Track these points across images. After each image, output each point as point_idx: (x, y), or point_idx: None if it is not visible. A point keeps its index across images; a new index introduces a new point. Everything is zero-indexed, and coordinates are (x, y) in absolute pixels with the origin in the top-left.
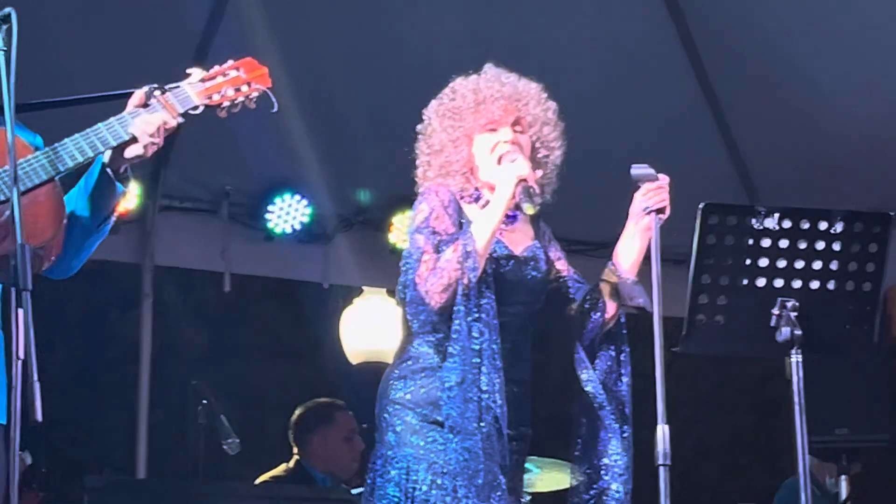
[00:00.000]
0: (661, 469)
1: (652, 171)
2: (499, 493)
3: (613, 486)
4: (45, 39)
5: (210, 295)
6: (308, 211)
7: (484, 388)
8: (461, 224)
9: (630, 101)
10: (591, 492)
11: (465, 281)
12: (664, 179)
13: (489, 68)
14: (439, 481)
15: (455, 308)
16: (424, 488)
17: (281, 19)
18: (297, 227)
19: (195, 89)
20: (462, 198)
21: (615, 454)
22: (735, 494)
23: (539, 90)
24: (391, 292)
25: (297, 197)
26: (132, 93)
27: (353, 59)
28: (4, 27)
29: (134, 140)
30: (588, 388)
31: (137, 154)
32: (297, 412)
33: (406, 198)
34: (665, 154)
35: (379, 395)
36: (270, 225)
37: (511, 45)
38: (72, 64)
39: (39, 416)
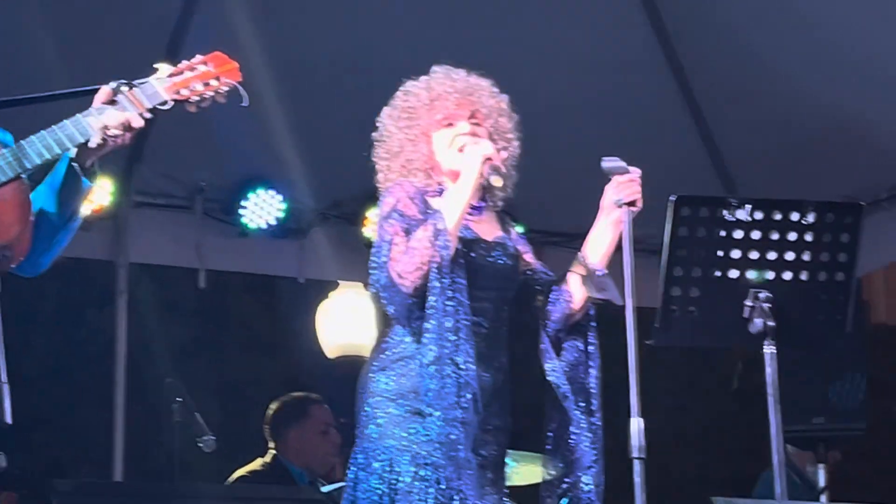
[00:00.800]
0: (636, 462)
1: (623, 163)
2: (470, 472)
3: (584, 479)
4: (15, 32)
5: (185, 291)
6: (283, 206)
7: (461, 365)
8: (426, 217)
9: (603, 92)
10: (563, 486)
11: (438, 259)
12: (636, 172)
13: (437, 68)
14: (422, 473)
15: (430, 285)
16: (408, 479)
17: (258, 11)
18: (272, 222)
19: (163, 84)
20: (426, 193)
21: (584, 447)
22: (715, 483)
23: (490, 84)
24: (367, 286)
25: (272, 192)
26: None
27: (330, 53)
28: None
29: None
30: (550, 379)
31: (102, 149)
32: (272, 407)
33: (378, 193)
34: (639, 144)
35: (359, 389)
36: (245, 220)
37: (486, 40)
38: (42, 58)
39: (9, 419)
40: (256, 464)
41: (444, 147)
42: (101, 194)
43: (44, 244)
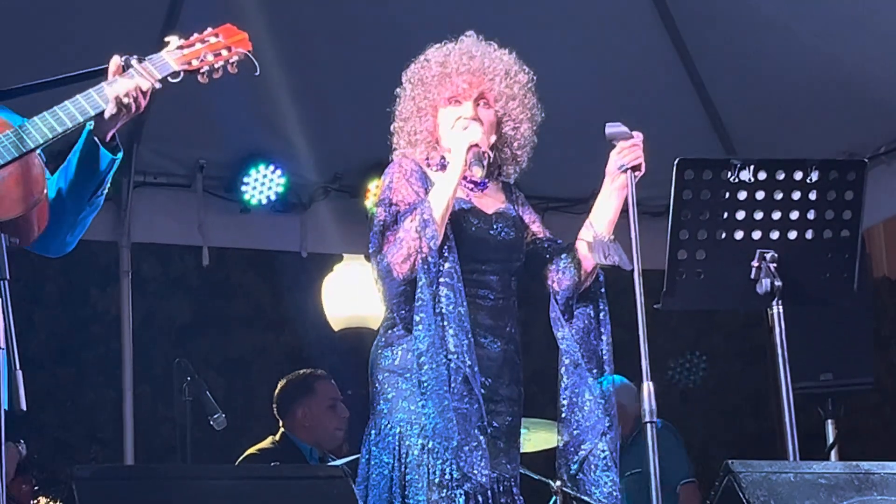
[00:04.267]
0: (648, 426)
1: (626, 129)
2: (480, 453)
3: (599, 446)
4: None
5: (189, 269)
6: (283, 181)
7: (452, 349)
8: (427, 192)
9: (603, 59)
10: (580, 453)
11: (425, 249)
12: (638, 137)
13: (466, 38)
14: (430, 445)
15: (417, 276)
16: (416, 452)
17: None
18: (273, 197)
19: (173, 56)
20: (429, 166)
21: (599, 413)
22: (722, 442)
23: (510, 63)
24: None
25: (272, 167)
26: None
27: (332, 25)
28: None
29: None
30: (563, 346)
31: (118, 119)
32: (279, 385)
33: (382, 164)
34: (640, 109)
35: (370, 365)
36: (246, 196)
37: (486, 8)
38: (40, 36)
39: (24, 405)
40: (266, 442)
41: (447, 125)
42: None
43: (69, 223)
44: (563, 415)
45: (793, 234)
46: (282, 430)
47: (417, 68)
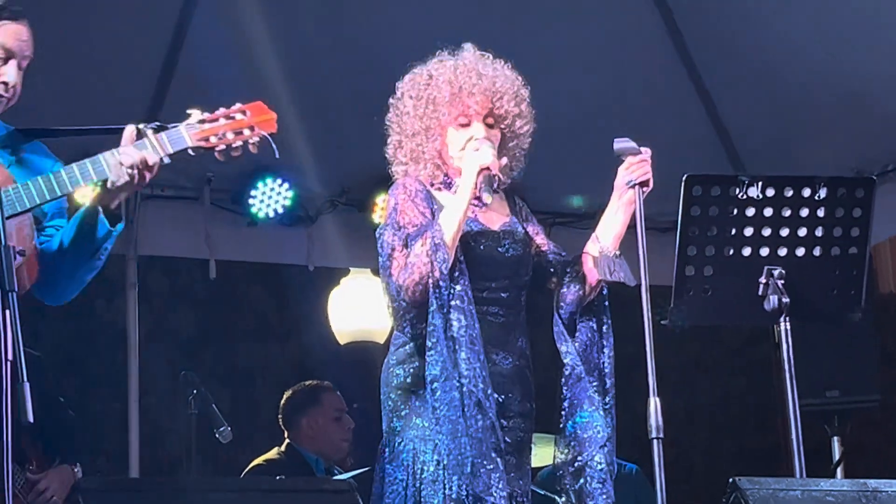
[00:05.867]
0: (655, 442)
1: (634, 144)
2: (498, 475)
3: (596, 458)
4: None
5: (195, 282)
6: (290, 194)
7: (464, 373)
8: (433, 212)
9: (611, 74)
10: (576, 464)
11: (437, 274)
12: (646, 153)
13: (468, 52)
14: (445, 461)
15: (430, 302)
16: (431, 469)
17: (266, 2)
18: (280, 210)
19: (192, 131)
20: (433, 185)
21: (597, 426)
22: (726, 458)
23: (514, 80)
24: (377, 272)
25: (279, 181)
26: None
27: (339, 40)
28: None
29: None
30: (567, 360)
31: (124, 190)
32: (285, 396)
33: (389, 178)
34: (647, 124)
35: (382, 383)
36: (253, 210)
37: (496, 24)
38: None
39: (31, 418)
40: (272, 453)
41: (456, 146)
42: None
43: (67, 275)
44: (563, 427)
45: (800, 251)
46: (287, 441)
47: (422, 85)
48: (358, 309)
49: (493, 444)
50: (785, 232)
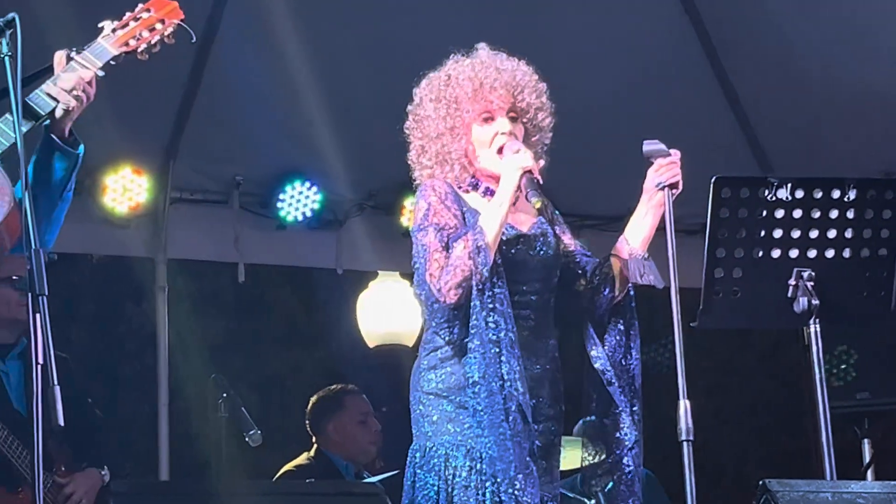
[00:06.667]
0: (685, 444)
1: (663, 146)
2: (532, 480)
3: (625, 461)
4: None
5: (224, 286)
6: (318, 197)
7: (506, 377)
8: (463, 214)
9: (639, 76)
10: (604, 466)
11: (479, 276)
12: (676, 155)
13: (482, 51)
14: (478, 466)
15: (472, 303)
16: (464, 474)
17: (297, 5)
18: (309, 214)
19: (110, 41)
20: (459, 187)
21: (625, 429)
22: (757, 460)
23: (532, 74)
24: (405, 275)
25: (308, 184)
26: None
27: (365, 44)
28: (9, 32)
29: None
30: (597, 365)
31: (71, 113)
32: (311, 402)
33: (411, 170)
34: (676, 126)
35: (411, 387)
36: (282, 213)
37: (523, 26)
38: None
39: (61, 421)
40: (302, 458)
41: (482, 143)
42: (138, 192)
43: (44, 222)
44: (591, 430)
45: (830, 253)
46: (316, 446)
47: (442, 86)
48: (387, 312)
49: (528, 449)
50: (814, 234)
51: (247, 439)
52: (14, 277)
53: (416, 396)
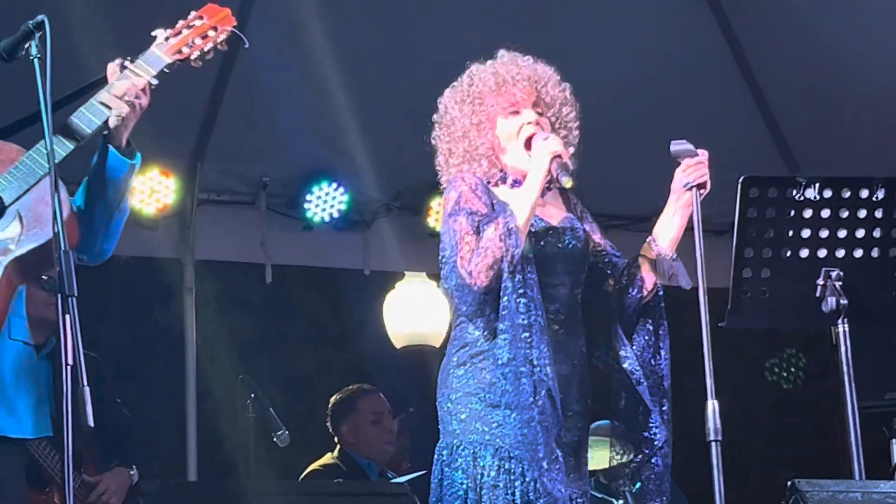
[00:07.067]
0: (713, 445)
1: (691, 146)
2: (558, 466)
3: (654, 461)
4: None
5: (252, 287)
6: (345, 198)
7: (535, 362)
8: (493, 205)
9: (666, 77)
10: (632, 465)
11: (510, 258)
12: (703, 155)
13: (504, 53)
14: (507, 465)
15: (503, 285)
16: (493, 473)
17: (320, 2)
18: (336, 215)
19: (163, 49)
20: (489, 182)
21: (654, 429)
22: (785, 460)
23: (554, 72)
24: (432, 275)
25: (334, 185)
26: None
27: (392, 44)
28: (38, 34)
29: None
30: (625, 365)
31: (128, 121)
32: (329, 404)
33: (438, 175)
34: (703, 126)
35: (439, 385)
36: (309, 214)
37: (549, 27)
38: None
39: (91, 422)
40: (327, 458)
41: (509, 135)
42: (166, 193)
43: (102, 231)
44: (619, 430)
45: (858, 253)
46: (339, 446)
47: (463, 87)
48: (413, 313)
49: (555, 435)
50: (843, 233)
51: (275, 440)
52: (43, 278)
53: (443, 394)
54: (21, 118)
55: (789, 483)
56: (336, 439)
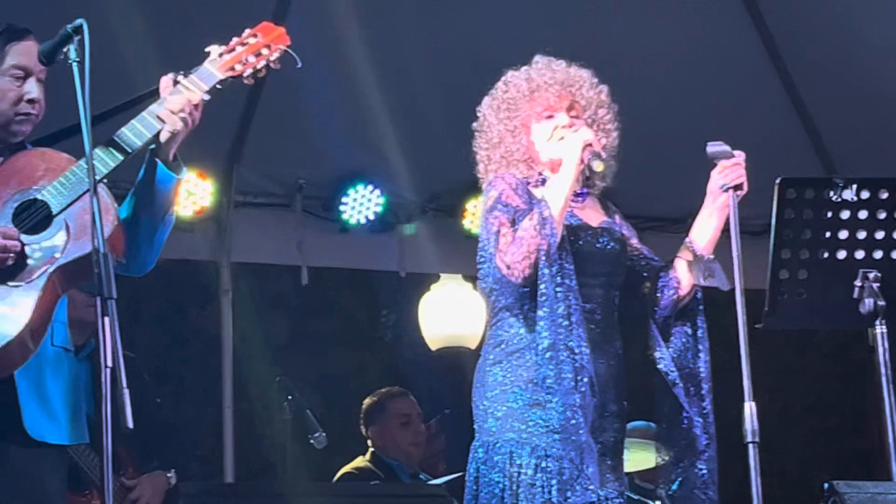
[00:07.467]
0: (751, 447)
1: (727, 148)
2: (593, 457)
3: (698, 465)
4: (112, 34)
5: (288, 288)
6: (381, 200)
7: (575, 350)
8: (532, 205)
9: (702, 77)
10: (677, 471)
11: (546, 247)
12: (740, 156)
13: (539, 59)
14: (544, 464)
15: (540, 273)
16: (530, 472)
17: (355, 4)
18: (372, 217)
19: (216, 65)
20: (528, 184)
21: (696, 432)
22: (822, 462)
23: (590, 75)
24: (467, 277)
25: (370, 187)
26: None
27: (428, 46)
28: (77, 38)
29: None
30: (660, 367)
31: (177, 136)
32: (362, 406)
33: (479, 184)
34: (739, 128)
35: (475, 383)
36: (345, 216)
37: (586, 31)
38: (144, 53)
39: (130, 424)
40: (359, 461)
41: (543, 139)
42: (202, 195)
43: (146, 243)
44: (662, 434)
45: None
46: (370, 448)
47: (499, 93)
48: (449, 314)
49: (593, 423)
50: (880, 234)
51: (311, 441)
52: None
53: (479, 392)
54: (67, 126)
55: (827, 485)
56: (368, 442)
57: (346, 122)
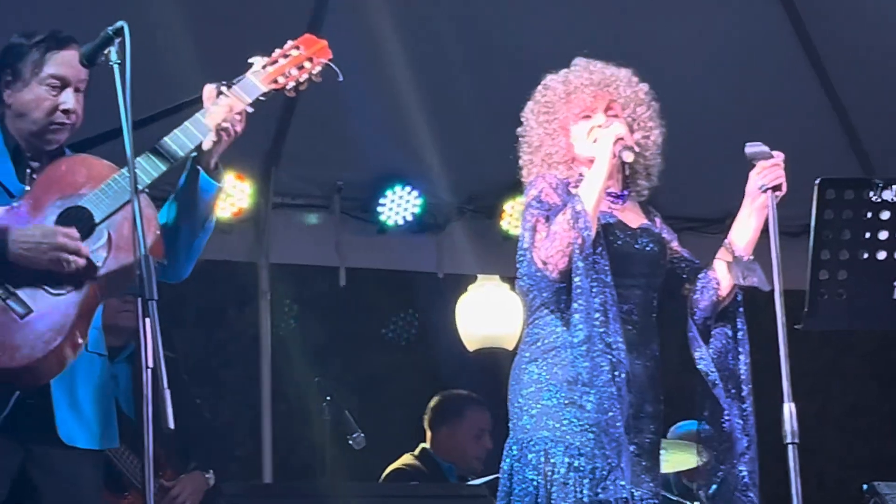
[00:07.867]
0: (790, 448)
1: (766, 148)
2: (626, 458)
3: (739, 466)
4: (153, 38)
5: (326, 289)
6: (419, 202)
7: (612, 345)
8: None
9: (740, 79)
10: (719, 473)
11: (580, 241)
12: (779, 157)
13: (577, 61)
14: (576, 463)
15: (574, 266)
16: (563, 471)
17: (393, 5)
18: (409, 218)
19: (259, 77)
20: (569, 184)
21: (737, 434)
22: (862, 463)
23: (629, 73)
24: (505, 278)
25: (408, 188)
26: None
27: (466, 47)
28: (118, 40)
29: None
30: (700, 367)
31: (219, 146)
32: (435, 400)
33: (517, 185)
34: (777, 128)
35: (511, 380)
36: (383, 217)
37: (624, 31)
38: (184, 59)
39: (172, 424)
40: (406, 458)
41: (581, 139)
42: (241, 197)
43: (185, 251)
44: (702, 436)
45: None
46: (423, 445)
47: (538, 98)
48: (487, 315)
49: (627, 417)
50: None
51: (350, 442)
52: None
53: (515, 390)
54: (106, 130)
55: (867, 486)
56: (427, 435)
57: (383, 124)
